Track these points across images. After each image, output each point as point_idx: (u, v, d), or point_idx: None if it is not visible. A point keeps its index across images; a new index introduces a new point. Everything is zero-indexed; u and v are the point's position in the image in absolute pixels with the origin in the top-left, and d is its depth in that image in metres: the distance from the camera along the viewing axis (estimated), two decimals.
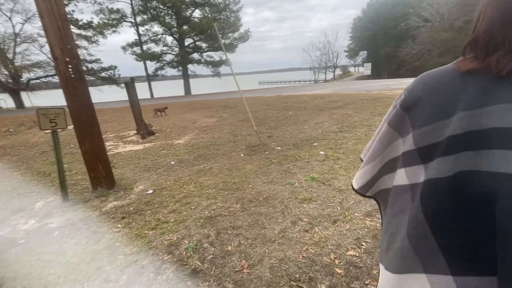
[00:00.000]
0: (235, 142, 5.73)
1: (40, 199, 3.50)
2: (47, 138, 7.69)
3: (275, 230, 2.33)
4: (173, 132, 7.54)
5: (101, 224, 2.69)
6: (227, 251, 2.10)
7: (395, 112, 0.59)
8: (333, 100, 11.55)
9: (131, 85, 6.69)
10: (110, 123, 9.92)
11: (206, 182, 3.60)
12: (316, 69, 59.25)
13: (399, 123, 0.58)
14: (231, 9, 28.58)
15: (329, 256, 1.97)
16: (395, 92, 12.51)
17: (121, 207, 3.05)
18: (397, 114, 0.58)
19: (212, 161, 4.52)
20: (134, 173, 4.26)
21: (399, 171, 0.59)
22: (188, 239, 2.31)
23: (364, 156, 0.74)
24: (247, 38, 29.69)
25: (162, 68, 30.28)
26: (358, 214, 2.49)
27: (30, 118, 11.44)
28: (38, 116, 3.09)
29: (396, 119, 0.59)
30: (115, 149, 5.99)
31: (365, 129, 5.79)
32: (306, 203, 2.76)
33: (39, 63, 23.59)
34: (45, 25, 2.98)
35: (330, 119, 7.38)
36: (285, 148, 4.91)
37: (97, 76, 25.45)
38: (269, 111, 10.08)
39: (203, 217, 2.65)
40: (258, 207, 2.76)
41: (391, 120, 0.61)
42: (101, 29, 25.09)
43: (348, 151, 4.37)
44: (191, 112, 12.00)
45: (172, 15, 28.40)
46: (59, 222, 2.82)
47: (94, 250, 2.25)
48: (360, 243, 2.09)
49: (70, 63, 3.10)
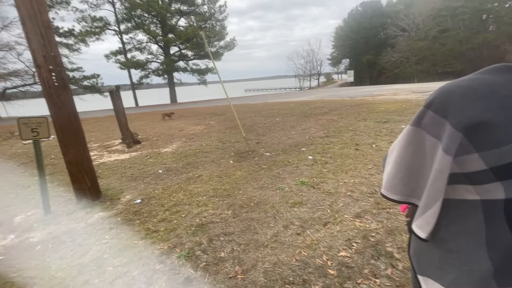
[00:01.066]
0: (223, 149, 5.73)
1: (19, 213, 3.32)
2: (25, 150, 7.35)
3: (268, 235, 2.34)
4: (160, 140, 7.43)
5: (87, 236, 2.60)
6: (220, 258, 2.09)
7: (451, 136, 0.55)
8: (318, 107, 11.82)
9: (116, 93, 6.56)
10: (93, 133, 9.62)
11: (196, 189, 3.56)
12: (301, 76, 60.45)
13: (457, 146, 0.55)
14: (217, 18, 28.87)
15: (321, 258, 2.00)
16: (377, 98, 12.99)
17: (108, 218, 2.96)
18: (454, 137, 0.55)
19: (201, 169, 4.49)
20: (121, 183, 4.15)
21: (460, 186, 0.58)
22: (180, 247, 2.27)
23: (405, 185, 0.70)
24: (233, 47, 29.97)
25: (147, 76, 29.84)
26: (348, 216, 2.55)
27: (6, 129, 10.90)
28: (18, 126, 2.97)
29: (453, 143, 0.55)
30: (100, 159, 5.81)
31: (350, 134, 5.96)
32: (297, 207, 2.79)
33: (16, 71, 22.66)
34: (28, 32, 2.91)
35: (316, 125, 7.53)
36: (274, 154, 4.96)
37: (79, 85, 24.75)
38: (257, 118, 10.15)
39: (194, 225, 2.62)
40: (249, 213, 2.77)
41: (448, 147, 0.56)
42: (83, 37, 24.55)
43: (335, 155, 4.48)
44: (177, 120, 11.87)
45: (157, 24, 28.25)
46: (41, 236, 2.69)
47: (81, 263, 2.16)
48: (351, 243, 2.14)
49: (54, 70, 3.02)
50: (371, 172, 3.60)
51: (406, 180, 0.73)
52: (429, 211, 0.63)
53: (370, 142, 5.12)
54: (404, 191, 0.75)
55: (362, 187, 3.15)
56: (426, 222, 0.65)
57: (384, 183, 0.81)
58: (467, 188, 0.58)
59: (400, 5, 45.75)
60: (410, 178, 0.72)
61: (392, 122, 6.81)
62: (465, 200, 0.59)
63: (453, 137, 0.55)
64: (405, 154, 0.72)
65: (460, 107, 0.55)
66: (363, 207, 2.70)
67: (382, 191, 0.82)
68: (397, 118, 7.18)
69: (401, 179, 0.74)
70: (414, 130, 0.70)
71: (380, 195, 0.87)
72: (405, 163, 0.72)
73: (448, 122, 0.56)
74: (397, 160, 0.75)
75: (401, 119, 6.99)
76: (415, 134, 0.69)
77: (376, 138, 5.35)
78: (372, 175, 3.49)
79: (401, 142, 0.76)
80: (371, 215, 2.53)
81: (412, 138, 0.71)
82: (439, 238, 0.64)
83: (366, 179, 3.39)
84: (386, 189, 0.80)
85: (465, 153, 0.55)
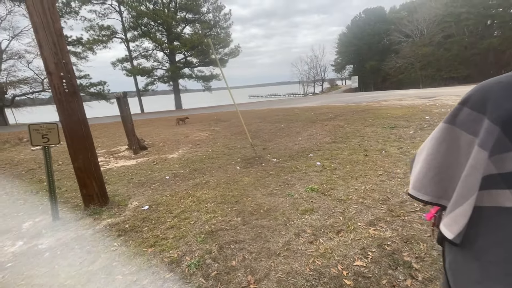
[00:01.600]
0: (230, 155, 5.70)
1: (27, 219, 3.32)
2: (33, 156, 7.42)
3: (279, 243, 2.28)
4: (166, 146, 7.44)
5: (95, 243, 2.57)
6: (232, 267, 2.03)
7: (488, 130, 0.54)
8: (323, 112, 11.78)
9: (123, 100, 6.62)
10: (100, 139, 9.70)
11: (203, 196, 3.52)
12: (305, 82, 60.70)
13: (494, 141, 0.54)
14: (221, 25, 29.30)
15: (336, 267, 1.94)
16: (383, 104, 12.90)
17: (116, 224, 2.93)
18: (491, 131, 0.53)
19: (208, 175, 4.46)
20: (128, 189, 4.14)
21: (498, 192, 0.54)
22: (190, 255, 2.22)
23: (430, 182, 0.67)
24: (238, 54, 30.26)
25: (152, 83, 30.26)
26: (361, 224, 2.48)
27: (15, 135, 11.06)
28: (29, 132, 2.98)
29: (490, 137, 0.54)
30: (107, 165, 5.82)
31: (358, 140, 5.89)
32: (308, 214, 2.73)
33: (25, 79, 23.17)
34: (40, 40, 2.95)
35: (322, 131, 7.48)
36: (281, 160, 4.92)
37: (86, 92, 25.17)
38: (262, 123, 10.14)
39: (204, 232, 2.57)
40: (259, 220, 2.71)
41: (484, 141, 0.54)
42: (91, 45, 25.09)
43: (344, 162, 4.41)
44: (183, 126, 11.93)
45: (163, 31, 28.76)
46: (50, 242, 2.67)
47: (90, 271, 2.12)
48: (366, 252, 2.07)
49: (65, 77, 3.05)
50: (382, 179, 3.52)
51: (438, 179, 0.70)
52: (459, 208, 0.60)
53: (379, 148, 5.05)
54: (435, 191, 0.71)
55: (374, 194, 3.08)
56: (455, 221, 0.61)
57: (412, 183, 0.77)
58: (505, 194, 0.54)
59: (403, 12, 45.99)
60: (442, 177, 0.69)
61: (400, 127, 6.73)
62: (504, 208, 0.55)
63: (490, 131, 0.53)
64: (437, 153, 0.69)
65: (500, 102, 0.53)
66: (376, 215, 2.63)
67: (410, 191, 0.78)
68: (404, 124, 7.09)
69: (432, 178, 0.71)
70: (448, 127, 0.67)
71: (407, 194, 0.82)
72: (436, 161, 0.69)
73: (486, 118, 0.54)
74: (428, 159, 0.71)
75: (409, 125, 6.91)
76: (449, 132, 0.67)
77: (385, 144, 5.27)
78: (383, 182, 3.42)
79: (432, 141, 0.72)
80: (385, 223, 2.46)
81: (445, 136, 0.68)
82: (477, 248, 0.60)
83: (378, 185, 3.32)
84: (415, 188, 0.76)
85: (503, 151, 0.52)
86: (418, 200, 0.76)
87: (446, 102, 10.93)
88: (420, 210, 2.62)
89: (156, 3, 27.53)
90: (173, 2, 28.27)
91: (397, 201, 2.88)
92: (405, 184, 3.30)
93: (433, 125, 6.59)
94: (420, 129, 6.27)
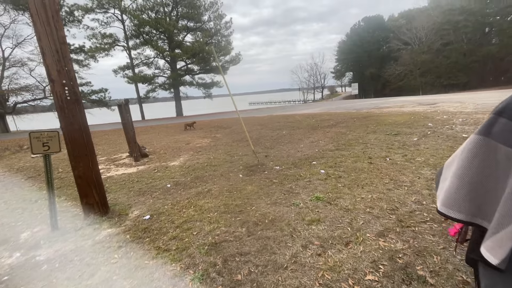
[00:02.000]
0: (232, 163, 5.63)
1: (26, 228, 3.24)
2: (33, 163, 7.36)
3: (286, 256, 2.20)
4: (167, 153, 7.38)
5: (95, 255, 2.48)
6: (237, 281, 1.95)
7: None
8: (325, 119, 11.75)
9: (125, 107, 6.60)
10: (100, 146, 9.65)
11: (206, 205, 3.44)
12: (305, 89, 61.08)
13: None
14: (222, 33, 29.63)
15: (347, 282, 1.85)
16: (384, 111, 12.89)
17: (116, 235, 2.85)
18: None
19: (210, 183, 4.38)
20: (129, 198, 4.06)
21: None
22: (193, 268, 2.14)
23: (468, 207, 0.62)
24: (238, 61, 30.52)
25: (154, 90, 30.41)
26: (370, 235, 2.40)
27: (15, 143, 11.03)
28: (30, 140, 2.93)
29: None
30: (107, 173, 5.75)
31: (361, 147, 5.83)
32: (314, 225, 2.65)
33: (27, 86, 23.32)
34: (43, 48, 2.93)
35: (325, 138, 7.43)
36: (284, 168, 4.85)
37: (87, 99, 25.27)
38: (263, 130, 10.11)
39: (207, 244, 2.49)
40: (264, 231, 2.63)
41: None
42: (93, 53, 25.33)
43: (348, 169, 4.34)
44: (184, 133, 11.89)
45: (164, 39, 29.07)
46: (48, 254, 2.58)
47: (89, 285, 2.04)
48: (378, 266, 1.98)
49: (67, 85, 3.02)
50: (389, 187, 3.45)
51: (472, 197, 0.64)
52: (503, 231, 0.54)
53: (383, 155, 4.99)
54: (469, 209, 0.66)
55: (381, 203, 3.01)
56: (499, 245, 0.56)
57: (442, 199, 0.71)
58: None
59: (402, 20, 46.55)
60: (477, 194, 0.63)
61: (403, 134, 6.68)
62: None
63: None
64: (470, 167, 0.64)
65: None
66: (385, 225, 2.54)
67: (440, 208, 0.72)
68: (407, 131, 7.05)
69: (465, 196, 0.66)
70: (482, 140, 0.62)
71: (437, 212, 0.76)
72: (469, 177, 0.64)
73: None
74: (459, 174, 0.66)
75: (412, 132, 6.86)
76: (483, 145, 0.62)
77: (389, 151, 5.21)
78: (390, 190, 3.35)
79: (464, 154, 0.67)
80: (395, 234, 2.38)
81: (479, 149, 0.62)
82: None
83: (385, 194, 3.25)
84: (445, 206, 0.70)
85: None
86: (450, 219, 0.70)
87: (448, 109, 10.91)
88: (431, 220, 2.54)
89: (158, 12, 27.92)
90: (175, 11, 28.69)
91: (406, 210, 2.80)
92: (412, 193, 3.22)
93: (436, 132, 6.54)
94: (423, 136, 6.22)
